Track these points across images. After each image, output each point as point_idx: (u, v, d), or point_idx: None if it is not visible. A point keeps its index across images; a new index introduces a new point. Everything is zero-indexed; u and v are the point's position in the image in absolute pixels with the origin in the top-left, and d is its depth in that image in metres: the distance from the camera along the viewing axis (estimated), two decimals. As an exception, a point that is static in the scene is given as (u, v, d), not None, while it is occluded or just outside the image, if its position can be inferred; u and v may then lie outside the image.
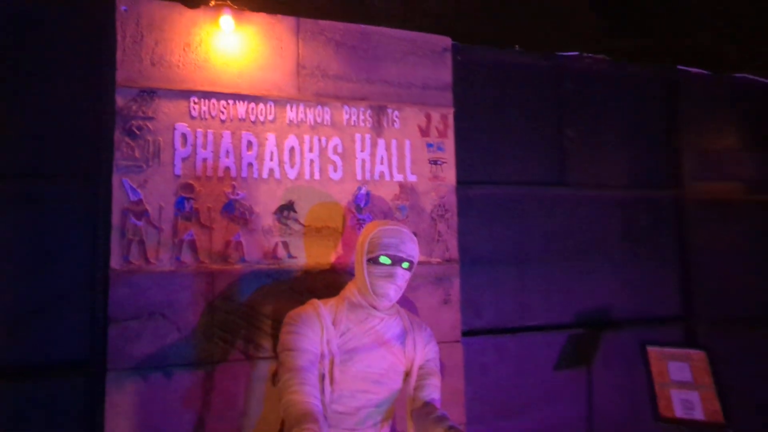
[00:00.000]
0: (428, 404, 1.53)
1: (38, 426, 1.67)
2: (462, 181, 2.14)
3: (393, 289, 1.49)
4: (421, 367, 1.60)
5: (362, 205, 1.95)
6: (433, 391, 1.57)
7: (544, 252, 2.35)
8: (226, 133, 1.81)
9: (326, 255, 1.89)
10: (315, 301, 1.56)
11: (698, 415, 1.85)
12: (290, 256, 1.85)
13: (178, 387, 1.69)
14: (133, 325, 1.67)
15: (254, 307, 1.80)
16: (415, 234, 1.60)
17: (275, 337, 1.80)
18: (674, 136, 2.63)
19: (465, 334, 2.11)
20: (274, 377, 1.80)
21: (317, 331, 1.47)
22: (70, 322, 1.71)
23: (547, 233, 2.36)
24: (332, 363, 1.47)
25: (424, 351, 1.61)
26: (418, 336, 1.61)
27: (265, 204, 1.84)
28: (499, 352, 2.23)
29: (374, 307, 1.53)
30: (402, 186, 2.01)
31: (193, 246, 1.74)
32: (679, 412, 1.88)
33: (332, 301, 1.58)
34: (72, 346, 1.71)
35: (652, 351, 2.02)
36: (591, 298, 2.40)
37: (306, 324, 1.47)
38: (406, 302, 1.90)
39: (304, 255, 1.87)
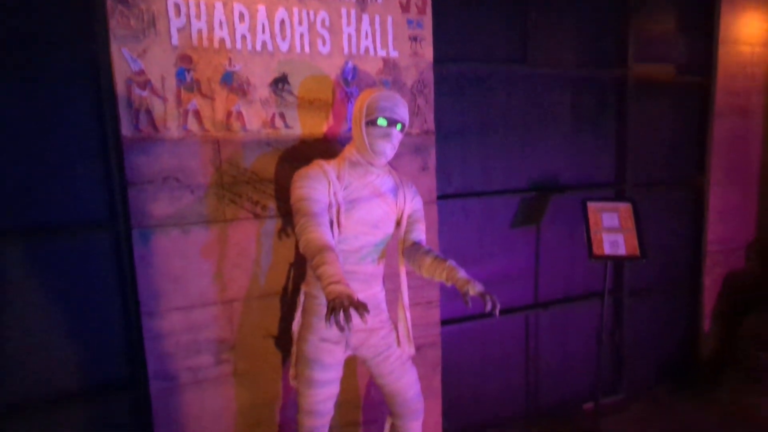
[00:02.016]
0: (417, 243, 1.88)
1: (69, 278, 1.88)
2: (437, 59, 2.31)
3: (389, 147, 1.73)
4: (409, 216, 1.92)
5: (349, 78, 2.11)
6: (420, 233, 1.91)
7: (505, 125, 2.64)
8: (218, 4, 1.86)
9: (319, 125, 2.08)
10: (319, 160, 1.79)
11: (621, 251, 2.35)
12: (287, 126, 2.02)
13: (196, 241, 1.93)
14: (149, 188, 1.84)
15: (257, 172, 2.00)
16: (402, 104, 1.81)
17: (278, 199, 2.05)
18: (623, 20, 2.87)
19: (439, 197, 2.44)
20: (280, 233, 2.07)
21: (325, 184, 1.71)
22: (86, 185, 1.85)
23: (509, 108, 2.64)
24: (338, 211, 1.74)
25: (411, 203, 1.92)
26: (407, 191, 1.90)
27: (260, 76, 1.95)
28: (466, 213, 2.60)
29: (371, 164, 1.78)
30: (385, 61, 2.17)
31: (197, 115, 1.87)
32: (607, 251, 2.36)
33: (334, 161, 1.81)
34: (91, 207, 1.86)
35: (591, 205, 2.45)
36: (543, 166, 2.78)
37: (314, 179, 1.71)
38: (398, 169, 2.17)
39: (299, 125, 2.05)
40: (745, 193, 3.27)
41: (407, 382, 1.93)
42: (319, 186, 1.70)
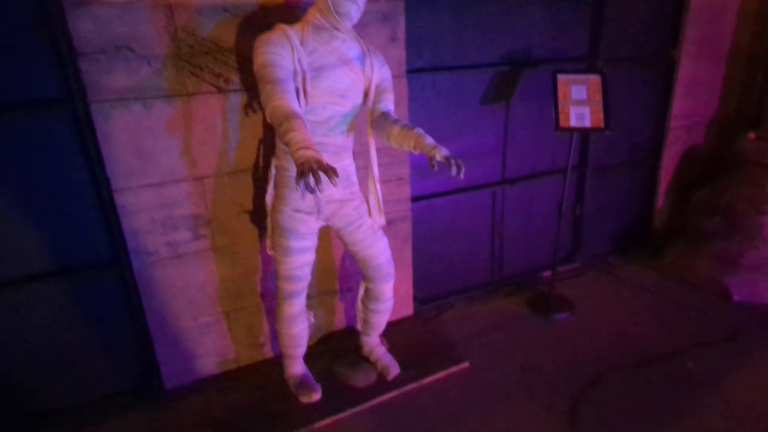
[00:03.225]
0: (385, 113, 1.87)
1: (34, 161, 1.83)
2: None
3: (354, 9, 1.65)
4: (377, 86, 1.89)
5: (310, -66, 1.92)
6: (388, 103, 1.90)
7: (479, -5, 2.52)
8: None
9: (279, -11, 1.94)
10: (281, 24, 1.69)
11: (587, 123, 2.40)
12: (244, -10, 1.88)
13: (159, 117, 1.88)
14: (102, 59, 1.74)
15: (217, 42, 1.90)
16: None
17: (242, 72, 1.97)
18: None
19: (409, 71, 2.38)
20: (246, 108, 2.03)
21: (288, 50, 1.65)
22: (33, 58, 1.73)
23: (483, -25, 2.49)
24: (304, 79, 1.69)
25: (380, 72, 1.87)
26: (374, 59, 1.85)
27: (210, -71, 1.77)
28: (437, 89, 2.57)
29: (336, 29, 1.70)
30: None
31: (144, -25, 1.71)
32: (573, 123, 2.41)
33: (297, 25, 1.72)
34: (44, 83, 1.76)
35: (561, 78, 2.44)
36: (517, 40, 2.70)
37: (277, 44, 1.64)
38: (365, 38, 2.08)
39: (258, -12, 1.90)
40: (713, 68, 3.28)
41: (378, 248, 2.05)
42: (282, 51, 1.64)
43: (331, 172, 1.32)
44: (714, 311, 2.77)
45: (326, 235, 2.37)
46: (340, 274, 2.51)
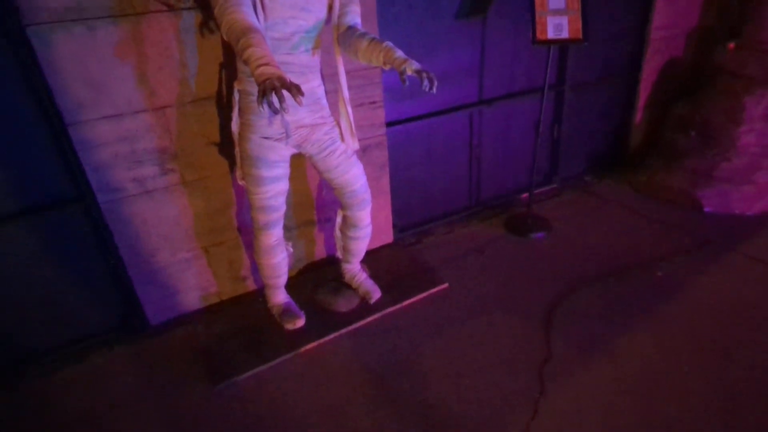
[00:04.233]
0: (352, 27, 1.75)
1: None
2: None
3: None
4: (342, -1, 1.75)
5: None
6: (355, 16, 1.77)
7: None
8: None
9: None
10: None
11: (565, 34, 2.30)
12: None
13: (106, 40, 1.73)
14: (32, -25, 1.56)
15: (161, -48, 1.72)
16: None
17: (192, -13, 1.80)
18: None
19: (376, -16, 2.22)
20: (202, 28, 1.87)
21: (240, -43, 1.49)
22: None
23: None
24: (260, -9, 1.56)
25: (344, -17, 1.73)
26: (336, -32, 1.70)
27: None
28: (408, 2, 2.40)
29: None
30: None
31: None
32: (551, 34, 2.31)
33: (247, -71, 1.55)
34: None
35: (539, -14, 2.30)
36: (491, -54, 2.52)
37: (226, -47, 1.48)
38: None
39: None
40: (695, -26, 3.15)
41: (354, 174, 2.01)
42: (232, -38, 1.48)
43: (294, 89, 1.25)
44: (686, 224, 2.84)
45: (300, 165, 2.31)
46: (318, 204, 2.47)
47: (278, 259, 2.08)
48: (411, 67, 1.55)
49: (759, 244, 2.61)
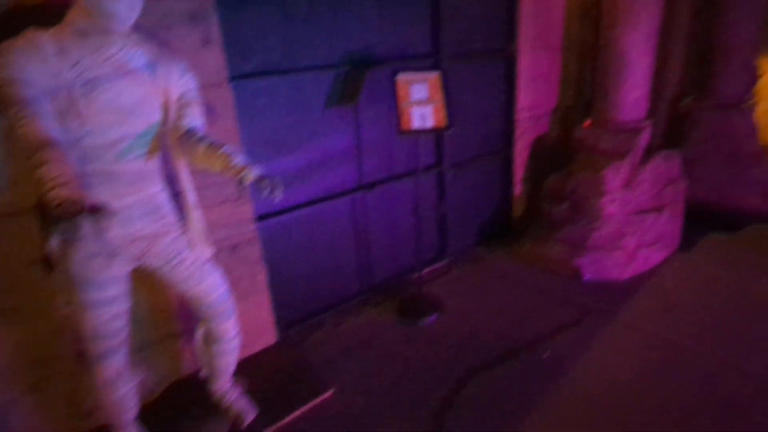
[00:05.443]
0: (190, 130, 1.60)
1: None
2: None
3: (122, 8, 1.34)
4: (180, 98, 1.61)
5: None
6: (194, 119, 1.63)
7: (308, -10, 2.32)
8: None
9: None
10: (32, 30, 1.35)
11: (429, 123, 2.34)
12: (-15, -16, 1.48)
13: None
14: None
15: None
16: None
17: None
18: None
19: (234, 78, 2.12)
20: (12, 134, 1.62)
21: (38, 62, 1.31)
22: None
23: (310, -31, 2.30)
24: (72, 97, 1.37)
25: (180, 82, 1.60)
26: (172, 67, 1.57)
27: None
28: (273, 95, 2.33)
29: (106, 33, 1.39)
30: None
31: None
32: (416, 124, 2.33)
33: (53, 29, 1.38)
34: None
35: (400, 78, 2.35)
36: (357, 38, 2.56)
37: (22, 54, 1.29)
38: (161, 44, 1.78)
39: (5, -18, 1.51)
40: (550, 61, 3.46)
41: (209, 284, 1.78)
42: (29, 64, 1.29)
43: (99, 212, 1.05)
44: (567, 293, 2.91)
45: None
46: (180, 312, 2.18)
47: (122, 392, 1.74)
48: (249, 175, 1.41)
49: (633, 309, 2.72)
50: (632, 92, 3.12)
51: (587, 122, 3.38)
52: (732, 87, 3.80)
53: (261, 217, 2.37)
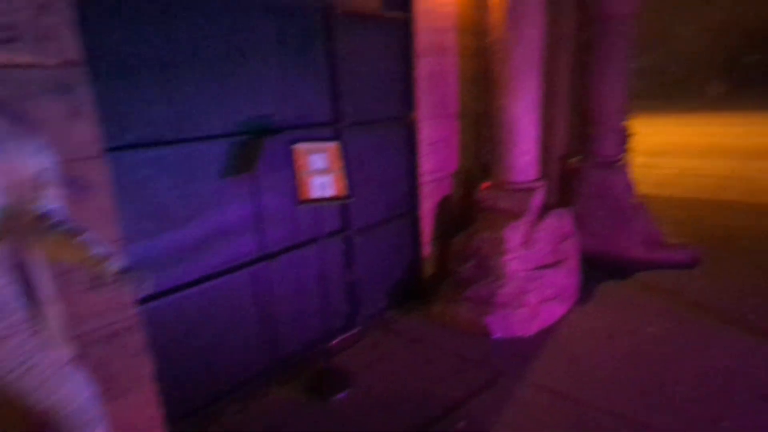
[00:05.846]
0: (44, 215, 1.40)
1: None
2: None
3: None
4: (34, 178, 1.41)
5: None
6: (50, 201, 1.43)
7: (196, 58, 2.24)
8: None
9: None
10: None
11: (330, 192, 2.29)
12: None
13: None
14: None
15: None
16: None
17: None
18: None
19: (113, 149, 1.95)
20: None
21: None
22: None
23: (198, 36, 2.24)
24: None
25: (33, 160, 1.41)
26: (24, 143, 1.39)
27: None
28: (161, 166, 2.17)
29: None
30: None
31: None
32: (315, 194, 2.28)
33: None
34: None
35: (298, 148, 2.31)
36: (253, 106, 2.50)
37: None
38: (23, 117, 1.59)
39: None
40: (448, 128, 3.64)
41: (69, 390, 1.51)
42: None
43: None
44: (479, 354, 2.90)
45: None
46: None
47: None
48: (109, 270, 1.24)
49: (542, 367, 2.75)
50: (523, 156, 3.35)
51: (486, 183, 3.55)
52: (607, 148, 4.24)
53: (145, 300, 2.13)
